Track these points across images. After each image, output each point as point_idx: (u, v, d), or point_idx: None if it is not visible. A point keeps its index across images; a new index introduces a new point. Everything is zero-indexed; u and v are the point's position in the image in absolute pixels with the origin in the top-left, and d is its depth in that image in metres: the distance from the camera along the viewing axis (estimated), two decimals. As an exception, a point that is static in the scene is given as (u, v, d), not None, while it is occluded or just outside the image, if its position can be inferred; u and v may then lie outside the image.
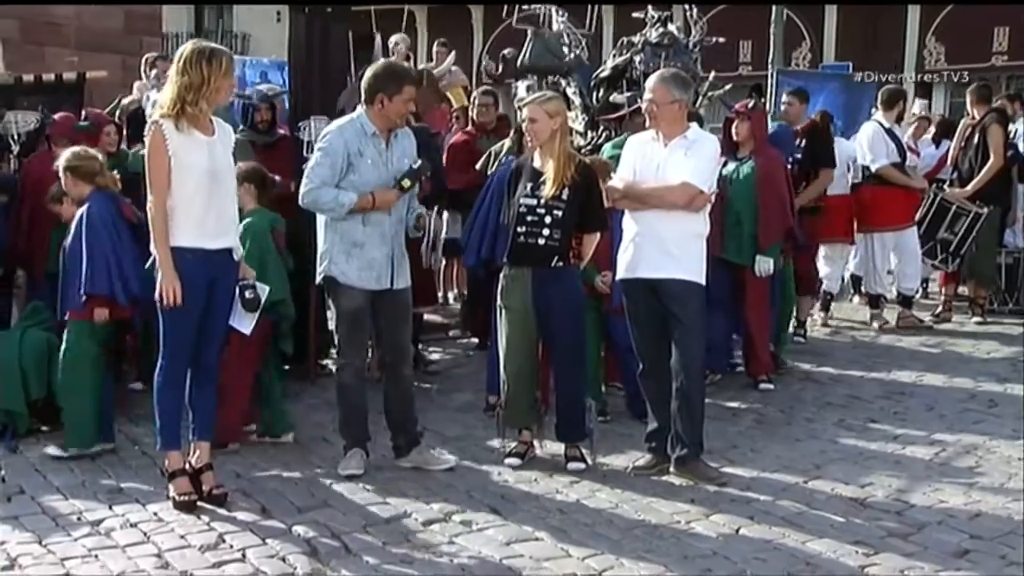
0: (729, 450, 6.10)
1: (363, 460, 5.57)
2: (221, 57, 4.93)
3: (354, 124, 5.47)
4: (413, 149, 5.62)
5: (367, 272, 5.45)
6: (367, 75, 5.55)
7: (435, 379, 7.66)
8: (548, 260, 5.54)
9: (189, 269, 4.91)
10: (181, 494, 5.02)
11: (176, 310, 4.92)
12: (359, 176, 5.40)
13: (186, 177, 4.89)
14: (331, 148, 5.41)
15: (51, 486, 5.32)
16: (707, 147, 5.64)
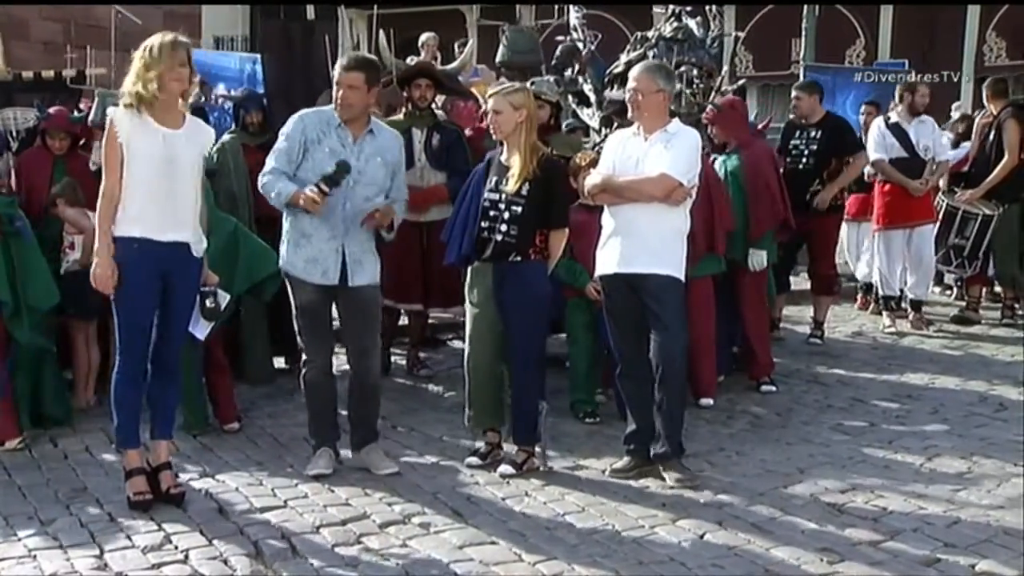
0: (714, 453, 5.91)
1: (331, 460, 5.46)
2: (178, 47, 4.85)
3: (321, 112, 5.41)
4: (393, 152, 5.46)
5: (312, 265, 5.31)
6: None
7: (431, 380, 7.53)
8: (505, 256, 5.40)
9: (135, 259, 4.83)
10: (136, 493, 4.95)
11: (127, 303, 4.87)
12: (313, 164, 5.28)
13: (137, 166, 4.82)
14: (289, 133, 5.35)
15: (13, 484, 5.28)
16: (687, 140, 5.47)
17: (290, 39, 8.06)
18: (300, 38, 7.97)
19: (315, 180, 5.20)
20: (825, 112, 8.85)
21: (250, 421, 6.40)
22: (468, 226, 5.74)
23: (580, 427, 6.41)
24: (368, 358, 5.52)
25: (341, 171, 5.18)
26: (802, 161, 8.61)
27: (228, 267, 5.85)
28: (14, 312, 5.80)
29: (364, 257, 5.39)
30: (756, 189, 7.08)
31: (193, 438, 6.03)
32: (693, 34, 8.91)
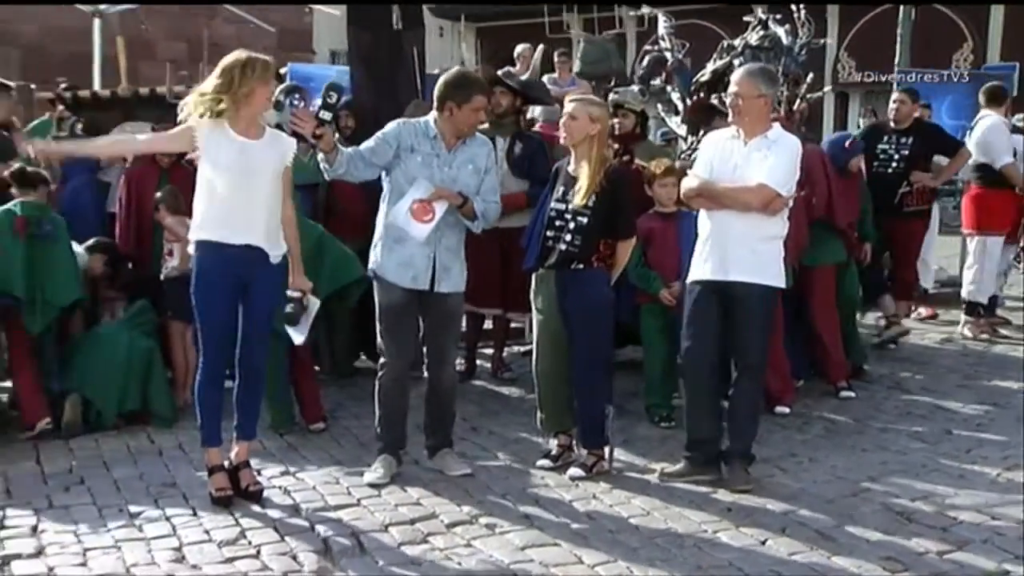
0: (786, 458, 5.76)
1: (392, 467, 5.42)
2: (256, 64, 4.93)
3: (419, 122, 5.40)
4: (484, 160, 5.44)
5: (404, 269, 5.31)
6: (439, 82, 5.46)
7: (514, 383, 7.49)
8: (568, 264, 5.35)
9: (209, 262, 4.95)
10: (218, 489, 5.04)
11: (204, 306, 5.00)
12: (404, 170, 5.29)
13: (215, 174, 4.94)
14: (383, 135, 5.35)
15: (110, 478, 5.42)
16: (788, 148, 5.31)
17: (378, 49, 8.11)
18: (387, 48, 8.02)
19: (408, 189, 5.22)
20: (915, 117, 8.60)
21: (335, 421, 6.46)
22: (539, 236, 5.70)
23: (655, 431, 6.32)
24: (446, 365, 5.52)
25: (331, 90, 5.11)
26: (891, 165, 8.41)
27: (312, 273, 5.87)
28: (30, 305, 6.09)
29: (452, 264, 5.37)
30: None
31: (280, 437, 6.11)
32: (780, 42, 8.73)
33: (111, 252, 6.83)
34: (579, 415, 5.50)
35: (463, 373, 7.29)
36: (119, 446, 5.96)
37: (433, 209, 5.21)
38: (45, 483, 5.35)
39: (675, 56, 9.19)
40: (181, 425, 6.29)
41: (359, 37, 8.11)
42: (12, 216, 6.18)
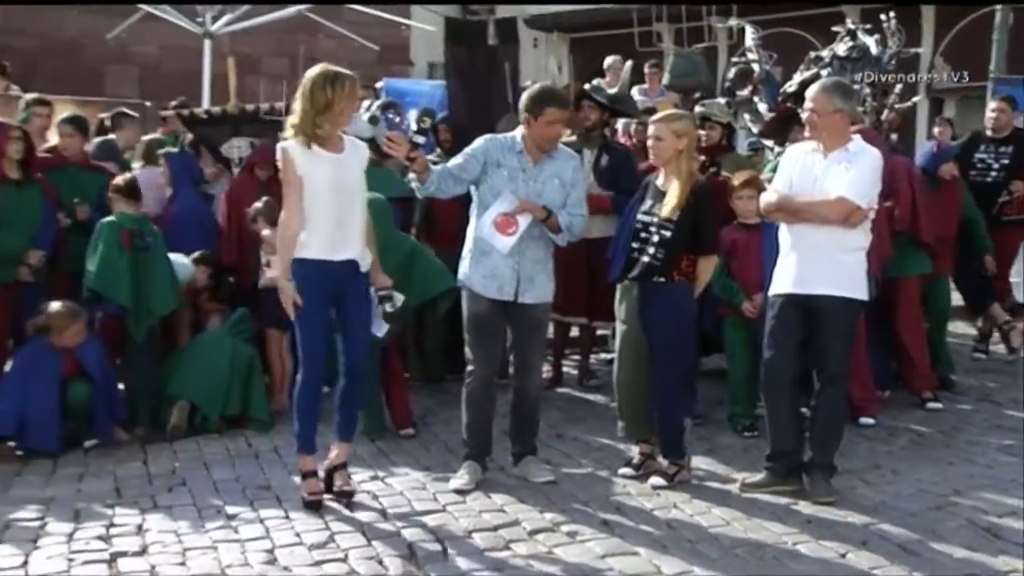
0: (869, 471, 5.64)
1: (476, 474, 5.43)
2: (344, 81, 4.97)
3: (507, 137, 5.42)
4: (570, 173, 5.41)
5: (490, 280, 5.34)
6: (523, 96, 5.49)
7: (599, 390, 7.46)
8: (650, 276, 5.31)
9: (312, 279, 5.02)
10: (311, 494, 5.13)
11: (305, 321, 5.06)
12: (491, 185, 5.32)
13: (312, 193, 5.00)
14: (471, 151, 5.39)
15: (210, 480, 5.56)
16: (868, 160, 5.21)
17: (474, 64, 8.17)
18: (483, 63, 8.08)
19: (493, 203, 5.27)
20: (1014, 127, 8.36)
21: (425, 427, 6.52)
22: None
23: (738, 440, 6.25)
24: (531, 374, 5.53)
25: (425, 116, 5.20)
26: (990, 175, 8.21)
27: (403, 284, 5.97)
28: (135, 315, 6.33)
29: (537, 276, 5.38)
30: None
31: (371, 442, 6.18)
32: (868, 52, 8.58)
33: (215, 264, 7.00)
34: (659, 426, 5.46)
35: (549, 380, 7.30)
36: (219, 449, 6.11)
37: (517, 222, 5.23)
38: (150, 483, 5.51)
39: (762, 67, 9.09)
40: (277, 429, 6.41)
41: (455, 52, 8.18)
42: (118, 228, 6.39)
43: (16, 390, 5.96)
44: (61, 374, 6.08)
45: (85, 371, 6.17)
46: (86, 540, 4.67)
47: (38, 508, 5.06)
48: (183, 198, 7.37)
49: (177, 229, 7.12)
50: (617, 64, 12.06)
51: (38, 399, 5.96)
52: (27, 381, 6.00)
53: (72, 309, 6.19)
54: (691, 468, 5.53)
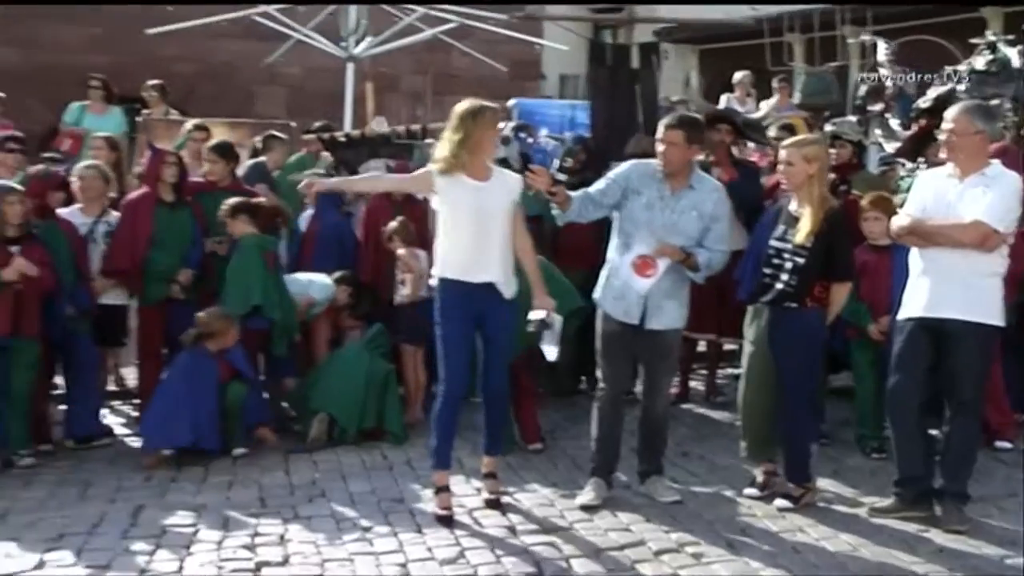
0: (1005, 498, 5.44)
1: (602, 490, 5.40)
2: (485, 113, 5.13)
3: (648, 166, 5.33)
4: (710, 206, 5.26)
5: (618, 303, 5.32)
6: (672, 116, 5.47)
7: (726, 407, 7.36)
8: (782, 301, 5.20)
9: (452, 298, 5.15)
10: (443, 508, 5.22)
11: (445, 338, 5.20)
12: (629, 213, 5.26)
13: (451, 217, 5.17)
14: (616, 173, 5.36)
15: (347, 492, 5.67)
16: (1008, 184, 5.02)
17: (616, 85, 8.17)
18: (625, 85, 8.06)
19: (631, 230, 5.24)
20: None
21: (554, 442, 6.54)
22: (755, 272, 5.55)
23: (866, 462, 6.09)
24: (658, 395, 5.49)
25: (567, 156, 5.16)
26: None
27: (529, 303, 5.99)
28: (279, 330, 6.64)
29: (665, 303, 5.27)
30: None
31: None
32: (1009, 65, 8.22)
33: (354, 283, 7.15)
34: (785, 449, 5.36)
35: (676, 396, 7.23)
36: (356, 461, 6.23)
37: (656, 264, 5.16)
38: (292, 494, 5.65)
39: (895, 83, 8.82)
40: (411, 442, 6.50)
41: (598, 75, 8.20)
42: (261, 249, 6.61)
43: (180, 398, 6.18)
44: (218, 378, 6.30)
45: (238, 374, 6.41)
46: (233, 549, 4.83)
47: (191, 515, 5.24)
48: (327, 218, 7.54)
49: (321, 248, 7.31)
50: (746, 80, 11.91)
51: (203, 403, 6.17)
52: (190, 388, 6.21)
53: (226, 312, 6.43)
54: (817, 490, 5.40)
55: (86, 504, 5.40)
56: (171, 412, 6.14)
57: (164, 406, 6.20)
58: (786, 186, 5.39)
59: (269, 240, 6.85)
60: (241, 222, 6.78)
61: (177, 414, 6.12)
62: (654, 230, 5.19)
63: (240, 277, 6.59)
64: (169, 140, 9.60)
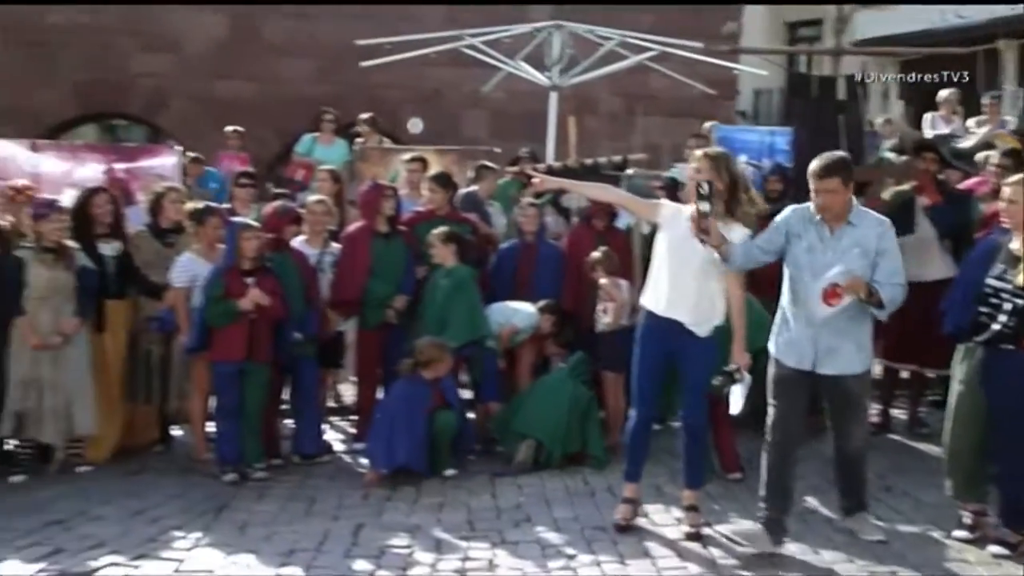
0: None
1: (767, 540, 5.12)
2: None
3: (806, 208, 5.12)
4: (874, 241, 4.97)
5: (789, 348, 5.12)
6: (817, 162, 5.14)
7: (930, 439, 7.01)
8: (999, 343, 4.93)
9: (645, 327, 5.33)
10: (622, 518, 5.42)
11: (636, 364, 5.36)
12: (793, 257, 5.08)
13: (662, 252, 5.30)
14: (778, 221, 5.19)
15: (551, 518, 5.73)
16: None
17: (819, 116, 7.97)
18: (830, 115, 7.85)
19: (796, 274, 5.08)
20: None
21: (753, 471, 6.37)
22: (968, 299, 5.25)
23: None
24: (847, 440, 5.23)
25: (701, 191, 4.94)
26: None
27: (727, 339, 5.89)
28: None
29: (841, 346, 5.03)
30: None
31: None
32: None
33: (558, 312, 7.22)
34: (1000, 493, 5.09)
35: (877, 427, 6.98)
36: (559, 486, 6.29)
37: (842, 296, 4.92)
38: (499, 518, 5.76)
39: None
40: (611, 467, 6.49)
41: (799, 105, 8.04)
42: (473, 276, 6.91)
43: (397, 422, 6.39)
44: (430, 405, 6.50)
45: (448, 403, 6.58)
46: (447, 572, 4.97)
47: (407, 535, 5.42)
48: (544, 249, 7.64)
49: (540, 275, 7.43)
50: (953, 97, 11.31)
51: (416, 427, 6.38)
52: (406, 413, 6.42)
53: (443, 344, 6.62)
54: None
55: (312, 520, 5.66)
56: (390, 435, 6.37)
57: (384, 429, 6.43)
58: (1007, 223, 5.09)
59: (476, 271, 7.04)
60: (450, 252, 6.98)
61: (395, 437, 6.35)
62: (816, 272, 4.95)
63: (464, 308, 6.81)
64: (383, 167, 10.00)
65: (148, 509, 5.77)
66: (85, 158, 9.37)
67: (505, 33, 10.41)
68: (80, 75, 14.59)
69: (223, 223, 6.86)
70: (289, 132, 14.42)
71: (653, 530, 5.46)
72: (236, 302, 6.31)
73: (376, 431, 6.48)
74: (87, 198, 6.91)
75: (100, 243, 6.81)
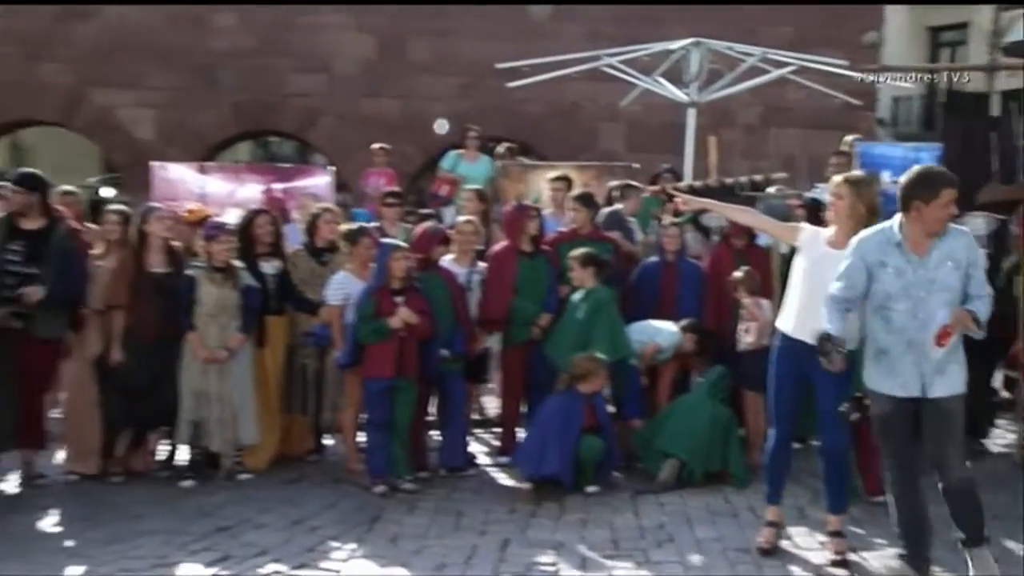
0: None
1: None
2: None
3: (881, 233, 4.78)
4: (963, 253, 4.70)
5: (892, 379, 4.80)
6: (902, 182, 4.77)
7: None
8: None
9: (780, 349, 5.29)
10: (765, 541, 5.39)
11: (773, 385, 5.32)
12: (881, 286, 4.74)
13: (798, 275, 5.25)
14: (850, 263, 4.82)
15: (693, 538, 5.67)
16: None
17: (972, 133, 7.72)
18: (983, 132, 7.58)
19: (884, 303, 4.76)
20: None
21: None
22: None
23: None
24: (949, 470, 4.84)
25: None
26: None
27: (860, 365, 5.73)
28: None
29: (946, 366, 4.74)
30: None
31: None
32: None
33: (700, 331, 7.17)
34: None
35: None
36: (700, 504, 6.25)
37: (952, 333, 4.67)
38: (642, 537, 5.74)
39: None
40: (753, 487, 6.42)
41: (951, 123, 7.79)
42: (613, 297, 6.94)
43: (551, 433, 6.46)
44: (583, 421, 6.54)
45: (599, 419, 6.63)
46: (593, 592, 5.00)
47: (552, 553, 5.45)
48: (684, 267, 7.61)
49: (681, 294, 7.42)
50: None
51: (568, 440, 6.42)
52: (561, 424, 6.47)
53: (598, 358, 6.66)
54: None
55: (460, 534, 5.75)
56: (543, 444, 6.45)
57: (537, 438, 6.52)
58: None
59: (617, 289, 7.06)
60: (589, 274, 6.99)
61: (548, 446, 6.43)
62: (912, 295, 4.68)
63: (605, 329, 6.81)
64: (524, 184, 10.09)
65: (306, 519, 5.97)
66: (246, 178, 9.80)
67: (643, 52, 10.35)
68: (239, 96, 15.22)
69: (374, 243, 7.05)
70: (432, 147, 14.79)
71: (797, 554, 5.38)
72: (386, 321, 6.47)
73: (529, 440, 6.57)
74: (251, 219, 7.21)
75: (261, 262, 7.10)
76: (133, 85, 15.08)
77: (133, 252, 6.84)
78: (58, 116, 15.44)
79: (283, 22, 15.14)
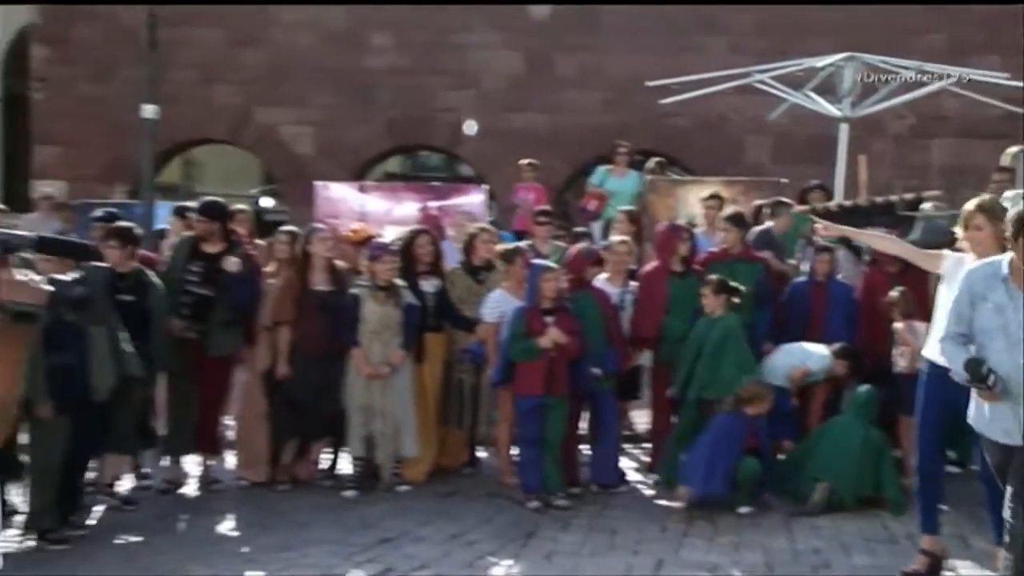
0: None
1: None
2: None
3: (989, 265, 4.41)
4: None
5: (993, 423, 4.37)
6: (1011, 213, 4.32)
7: None
8: None
9: (928, 378, 5.13)
10: (919, 566, 5.24)
11: (920, 409, 5.23)
12: (979, 323, 4.34)
13: (945, 302, 4.95)
14: (959, 293, 4.49)
15: (850, 565, 5.55)
16: None
17: None
18: None
19: (982, 341, 4.35)
20: None
21: None
22: None
23: None
24: None
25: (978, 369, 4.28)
26: None
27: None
28: None
29: None
30: None
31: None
32: None
33: (852, 356, 6.98)
34: None
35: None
36: (855, 529, 6.11)
37: None
38: (796, 561, 5.64)
39: None
40: (911, 513, 6.13)
41: None
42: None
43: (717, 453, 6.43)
44: (744, 442, 6.51)
45: (759, 442, 6.59)
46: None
47: (706, 574, 5.40)
48: (835, 288, 7.44)
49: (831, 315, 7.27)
50: None
51: (731, 461, 6.42)
52: (726, 444, 6.46)
53: (766, 384, 6.68)
54: None
55: (614, 553, 5.75)
56: (711, 464, 6.42)
57: (702, 454, 6.47)
58: None
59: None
60: (720, 302, 6.89)
61: (714, 466, 6.40)
62: (1010, 333, 4.25)
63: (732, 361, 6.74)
64: (673, 199, 10.04)
65: (464, 533, 6.08)
66: (403, 197, 10.05)
67: (795, 67, 10.15)
68: (392, 112, 15.58)
69: (527, 263, 7.12)
70: (578, 161, 14.82)
71: (962, 584, 5.21)
72: (536, 340, 6.53)
73: (694, 455, 6.53)
74: (412, 239, 7.40)
75: (421, 280, 7.27)
76: (295, 104, 15.64)
77: (298, 271, 7.11)
78: (227, 134, 16.12)
79: (436, 42, 15.44)
